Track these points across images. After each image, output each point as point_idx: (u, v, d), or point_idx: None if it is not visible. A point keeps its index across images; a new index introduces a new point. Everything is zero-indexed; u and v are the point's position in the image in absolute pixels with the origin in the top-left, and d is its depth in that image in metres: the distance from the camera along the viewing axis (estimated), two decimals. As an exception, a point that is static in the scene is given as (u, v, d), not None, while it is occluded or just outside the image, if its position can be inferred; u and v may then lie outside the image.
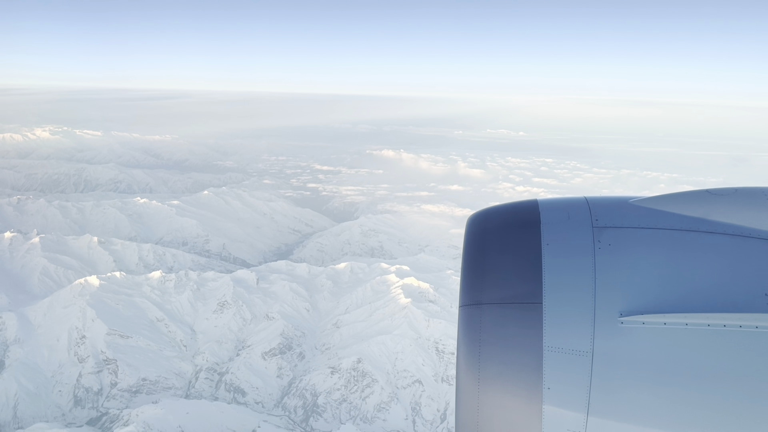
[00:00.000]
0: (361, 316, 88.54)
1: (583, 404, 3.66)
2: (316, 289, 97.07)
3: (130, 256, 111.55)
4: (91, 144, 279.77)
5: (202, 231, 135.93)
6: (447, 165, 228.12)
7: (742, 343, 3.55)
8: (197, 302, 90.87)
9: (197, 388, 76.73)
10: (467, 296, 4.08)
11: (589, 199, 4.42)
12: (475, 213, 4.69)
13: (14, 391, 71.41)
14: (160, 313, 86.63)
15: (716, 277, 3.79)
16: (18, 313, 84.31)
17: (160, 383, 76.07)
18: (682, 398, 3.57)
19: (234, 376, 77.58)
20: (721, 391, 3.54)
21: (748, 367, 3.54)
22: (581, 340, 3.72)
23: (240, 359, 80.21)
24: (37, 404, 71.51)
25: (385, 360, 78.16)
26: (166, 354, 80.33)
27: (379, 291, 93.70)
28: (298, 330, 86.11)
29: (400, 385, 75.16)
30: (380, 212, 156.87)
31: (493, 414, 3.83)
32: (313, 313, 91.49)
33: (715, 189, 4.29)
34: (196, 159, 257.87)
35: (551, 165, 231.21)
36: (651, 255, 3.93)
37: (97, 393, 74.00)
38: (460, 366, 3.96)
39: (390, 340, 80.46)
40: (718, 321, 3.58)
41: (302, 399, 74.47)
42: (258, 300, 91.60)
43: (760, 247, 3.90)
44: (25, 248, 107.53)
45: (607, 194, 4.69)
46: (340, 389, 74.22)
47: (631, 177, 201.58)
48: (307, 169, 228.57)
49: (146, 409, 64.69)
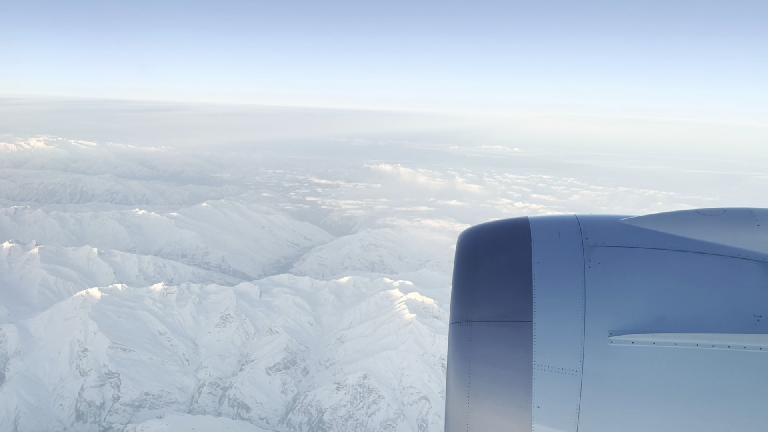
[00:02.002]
0: (366, 331, 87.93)
1: (572, 423, 3.64)
2: (319, 303, 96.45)
3: (131, 268, 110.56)
4: (86, 154, 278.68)
5: (201, 243, 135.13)
6: (445, 180, 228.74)
7: (730, 363, 3.56)
8: (199, 315, 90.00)
9: (200, 403, 75.71)
10: (457, 313, 4.08)
11: (579, 217, 4.43)
12: (466, 230, 4.66)
13: (15, 405, 70.13)
14: (162, 326, 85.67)
15: (705, 298, 3.80)
16: (18, 325, 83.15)
17: (163, 398, 74.98)
18: (672, 418, 3.57)
19: (238, 392, 76.63)
20: (709, 411, 3.54)
21: (736, 387, 3.54)
22: (571, 359, 3.73)
23: (243, 374, 79.30)
24: (39, 418, 70.21)
25: (391, 376, 77.50)
26: (169, 368, 79.31)
27: (383, 306, 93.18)
28: (302, 345, 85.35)
29: (406, 402, 74.47)
30: (380, 226, 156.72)
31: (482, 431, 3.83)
32: (317, 328, 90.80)
33: (704, 209, 4.30)
34: (192, 171, 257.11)
35: (548, 181, 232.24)
36: (641, 274, 3.94)
37: (100, 407, 72.82)
38: (450, 383, 3.95)
39: (396, 356, 79.83)
40: (707, 341, 3.59)
41: (307, 415, 73.59)
42: (261, 313, 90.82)
43: (748, 267, 3.91)
44: (24, 259, 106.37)
45: (606, 212, 4.60)
46: (346, 405, 73.41)
47: (629, 194, 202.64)
48: (305, 183, 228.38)
49: (151, 425, 63.73)
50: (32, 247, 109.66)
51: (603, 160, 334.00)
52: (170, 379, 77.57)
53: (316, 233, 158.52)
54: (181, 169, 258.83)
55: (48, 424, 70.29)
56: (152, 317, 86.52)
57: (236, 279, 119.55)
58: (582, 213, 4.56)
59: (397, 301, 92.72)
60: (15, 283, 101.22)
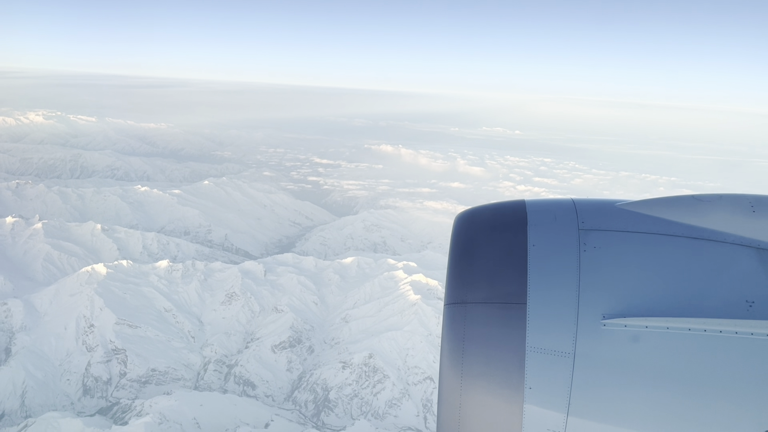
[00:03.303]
0: (370, 312, 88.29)
1: (563, 405, 3.68)
2: (324, 283, 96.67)
3: (134, 245, 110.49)
4: (85, 130, 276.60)
5: (204, 221, 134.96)
6: (446, 162, 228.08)
7: (721, 348, 3.59)
8: (204, 293, 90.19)
9: (206, 380, 76.18)
10: (452, 295, 4.11)
11: (576, 201, 4.45)
12: (462, 211, 4.68)
13: (22, 379, 70.45)
14: (168, 303, 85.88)
15: (699, 283, 3.83)
16: (24, 300, 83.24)
17: (170, 374, 75.44)
18: (662, 401, 3.60)
19: (243, 369, 77.08)
20: (699, 395, 3.58)
21: (726, 371, 3.58)
22: (564, 341, 3.75)
23: (249, 352, 79.71)
24: (46, 393, 70.62)
25: (396, 356, 78.03)
26: (175, 345, 79.67)
27: (388, 287, 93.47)
28: (307, 324, 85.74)
29: (411, 382, 75.07)
30: (382, 207, 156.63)
31: (474, 412, 3.86)
32: (321, 307, 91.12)
33: (700, 195, 4.32)
34: (192, 148, 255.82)
35: (550, 165, 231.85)
36: (635, 259, 3.97)
37: (107, 382, 73.24)
38: (444, 364, 3.99)
39: (400, 337, 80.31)
40: (699, 326, 3.62)
41: (313, 393, 74.17)
42: (266, 292, 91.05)
43: (743, 254, 3.93)
44: (28, 234, 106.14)
45: (607, 196, 4.59)
46: (352, 384, 73.99)
47: (630, 179, 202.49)
48: (306, 162, 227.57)
49: (160, 400, 64.14)
50: (35, 222, 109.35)
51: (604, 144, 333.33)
52: (176, 356, 77.95)
53: (317, 213, 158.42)
54: (181, 146, 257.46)
55: (55, 399, 70.71)
56: (158, 294, 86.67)
57: (239, 257, 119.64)
58: (582, 197, 4.57)
59: (402, 282, 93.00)
60: (19, 257, 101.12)
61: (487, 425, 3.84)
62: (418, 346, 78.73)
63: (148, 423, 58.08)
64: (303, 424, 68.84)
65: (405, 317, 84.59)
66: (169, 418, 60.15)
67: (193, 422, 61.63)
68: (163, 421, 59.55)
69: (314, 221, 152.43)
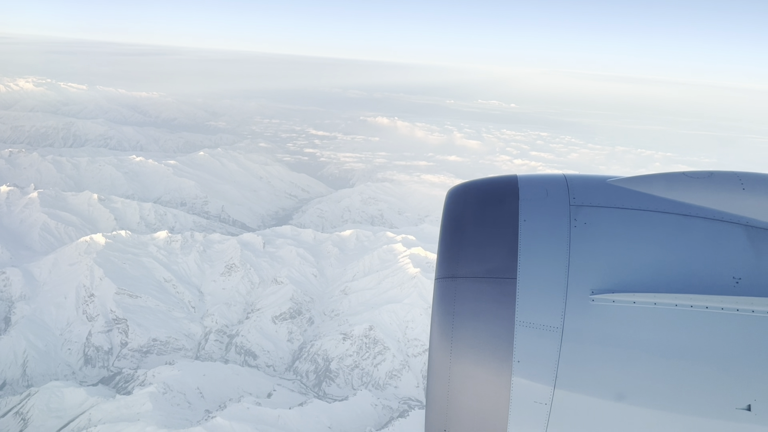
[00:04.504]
0: (369, 284, 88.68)
1: (550, 378, 3.75)
2: (323, 256, 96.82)
3: (131, 215, 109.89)
4: (76, 98, 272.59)
5: (200, 192, 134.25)
6: (443, 135, 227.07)
7: (707, 323, 3.65)
8: (204, 264, 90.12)
9: (207, 350, 76.60)
10: (443, 269, 4.13)
11: (567, 176, 4.48)
12: (454, 186, 4.69)
13: (23, 348, 70.52)
14: (168, 273, 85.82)
15: (687, 259, 3.88)
16: (22, 269, 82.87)
17: (171, 344, 75.76)
18: (647, 375, 3.68)
19: (245, 339, 77.52)
20: (685, 369, 3.65)
21: (711, 346, 3.64)
22: (552, 316, 3.80)
23: (250, 322, 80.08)
24: (47, 362, 70.80)
25: (396, 328, 78.69)
26: (175, 315, 79.86)
27: (386, 260, 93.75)
28: (307, 295, 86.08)
29: (411, 354, 75.85)
30: (379, 180, 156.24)
31: (463, 384, 3.92)
32: (321, 279, 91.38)
33: (691, 172, 4.35)
34: (185, 118, 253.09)
35: (546, 139, 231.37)
36: (625, 235, 4.01)
37: (108, 352, 73.48)
38: (434, 337, 4.02)
39: (400, 309, 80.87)
40: (686, 302, 3.68)
41: (314, 364, 74.83)
42: (265, 264, 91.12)
43: (731, 231, 3.98)
44: (23, 203, 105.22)
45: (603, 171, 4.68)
46: (353, 355, 74.68)
47: (626, 154, 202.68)
48: (302, 134, 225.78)
49: (163, 370, 64.54)
50: (31, 191, 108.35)
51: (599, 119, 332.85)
52: (177, 326, 78.21)
53: (313, 185, 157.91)
54: (174, 115, 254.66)
55: (57, 368, 70.94)
56: (157, 264, 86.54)
57: (236, 229, 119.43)
58: (578, 172, 4.59)
59: (401, 256, 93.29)
60: (15, 226, 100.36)
61: (475, 397, 3.90)
62: (418, 318, 79.36)
63: (153, 393, 58.49)
64: (305, 394, 69.56)
65: (404, 290, 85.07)
66: (173, 388, 60.57)
67: (197, 392, 62.14)
68: (168, 390, 59.97)
69: (310, 193, 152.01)
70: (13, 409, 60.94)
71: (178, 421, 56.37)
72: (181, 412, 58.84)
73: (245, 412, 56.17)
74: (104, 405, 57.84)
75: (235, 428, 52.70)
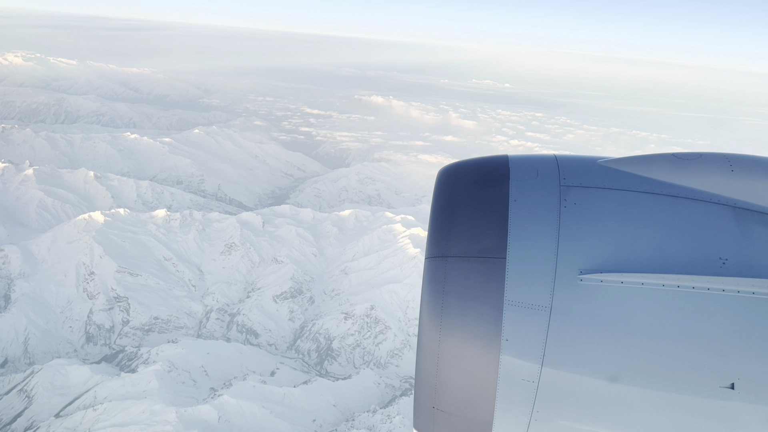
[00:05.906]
0: (369, 264, 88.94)
1: (538, 356, 3.80)
2: (322, 235, 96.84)
3: (128, 193, 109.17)
4: (66, 73, 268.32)
5: (196, 170, 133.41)
6: (438, 115, 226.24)
7: (693, 303, 3.71)
8: (203, 243, 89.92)
9: (209, 328, 76.82)
10: (433, 248, 4.14)
11: (558, 157, 4.49)
12: (445, 166, 4.69)
13: (24, 326, 70.41)
14: (168, 252, 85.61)
15: (675, 240, 3.93)
16: (20, 246, 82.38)
17: (172, 322, 75.89)
18: (633, 354, 3.74)
19: (246, 318, 77.75)
20: (671, 348, 3.72)
21: (697, 326, 3.71)
22: (541, 296, 3.83)
23: (251, 301, 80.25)
24: (48, 340, 70.77)
25: (397, 308, 79.18)
26: (176, 293, 79.88)
27: (386, 240, 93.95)
28: (307, 275, 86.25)
29: (412, 333, 76.33)
30: (376, 160, 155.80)
31: (452, 362, 3.96)
32: (321, 259, 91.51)
33: (680, 153, 4.38)
34: (178, 95, 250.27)
35: (542, 120, 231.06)
36: (614, 215, 4.05)
37: (109, 330, 73.52)
38: (423, 316, 4.05)
39: (401, 289, 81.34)
40: (673, 282, 3.73)
41: (316, 343, 75.27)
42: (265, 243, 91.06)
43: (719, 212, 4.04)
44: (19, 180, 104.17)
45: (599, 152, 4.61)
46: (354, 335, 75.17)
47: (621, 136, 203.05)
48: (297, 112, 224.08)
49: (166, 348, 64.70)
50: (26, 168, 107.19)
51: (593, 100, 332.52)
52: (178, 305, 78.27)
53: (309, 164, 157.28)
54: (166, 92, 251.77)
55: (58, 346, 70.95)
56: (157, 243, 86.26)
57: (233, 208, 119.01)
58: (573, 153, 4.59)
59: (400, 236, 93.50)
60: (11, 204, 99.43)
61: (464, 374, 3.94)
62: (418, 298, 79.56)
63: (158, 371, 58.70)
64: (307, 372, 70.10)
65: (405, 270, 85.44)
66: (178, 366, 60.80)
67: (201, 370, 62.41)
68: (172, 369, 60.18)
69: (306, 173, 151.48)
70: (17, 387, 61.02)
71: (185, 398, 56.71)
72: (186, 390, 59.16)
73: (251, 390, 56.60)
74: (109, 383, 58.05)
75: (242, 406, 53.14)
